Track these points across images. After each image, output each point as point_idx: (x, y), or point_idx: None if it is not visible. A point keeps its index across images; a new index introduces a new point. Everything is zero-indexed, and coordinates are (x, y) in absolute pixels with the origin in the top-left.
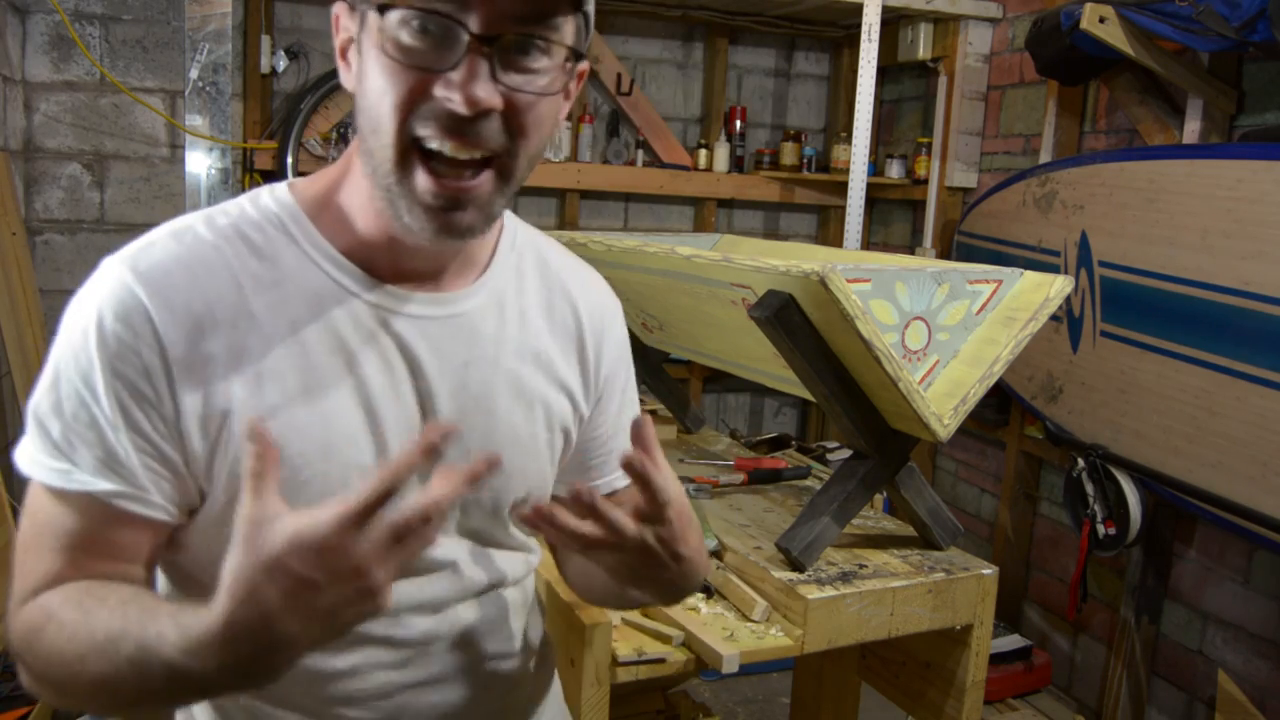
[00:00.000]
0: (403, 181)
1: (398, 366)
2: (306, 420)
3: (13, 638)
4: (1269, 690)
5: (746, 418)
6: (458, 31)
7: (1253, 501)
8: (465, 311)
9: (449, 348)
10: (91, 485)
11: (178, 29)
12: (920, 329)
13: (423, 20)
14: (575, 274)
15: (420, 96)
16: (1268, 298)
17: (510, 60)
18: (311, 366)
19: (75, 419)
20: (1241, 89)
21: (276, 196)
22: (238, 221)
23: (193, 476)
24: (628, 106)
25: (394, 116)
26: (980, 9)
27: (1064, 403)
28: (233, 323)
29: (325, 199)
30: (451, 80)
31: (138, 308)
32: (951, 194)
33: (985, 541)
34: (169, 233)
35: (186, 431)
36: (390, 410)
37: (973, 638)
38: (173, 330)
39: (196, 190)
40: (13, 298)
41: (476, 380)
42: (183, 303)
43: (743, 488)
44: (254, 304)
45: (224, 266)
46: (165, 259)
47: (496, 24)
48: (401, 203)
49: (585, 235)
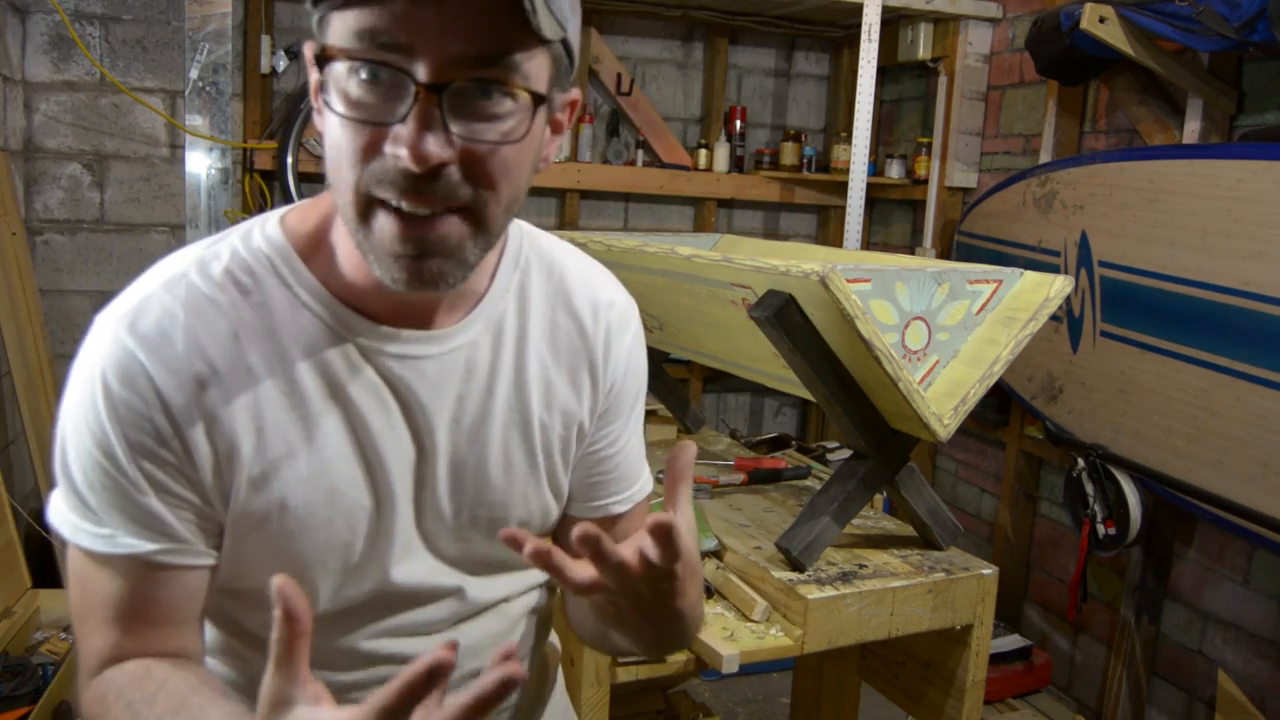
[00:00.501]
0: (368, 234)
1: (392, 407)
2: (309, 470)
3: (84, 711)
4: (1269, 690)
5: (746, 418)
6: (404, 81)
7: (1253, 501)
8: (460, 345)
9: (443, 383)
10: (136, 548)
11: (178, 29)
12: (920, 329)
13: (371, 69)
14: (585, 286)
15: (372, 153)
16: (1268, 298)
17: (464, 107)
18: (309, 415)
19: (104, 488)
20: (1241, 89)
21: (268, 235)
22: (230, 266)
23: (216, 514)
24: (628, 106)
25: (349, 174)
26: (980, 9)
27: (1064, 403)
28: (232, 377)
29: (318, 238)
30: (400, 135)
31: (140, 372)
32: (951, 194)
33: (985, 541)
34: (162, 284)
35: (204, 478)
36: (388, 450)
37: (973, 638)
38: (175, 392)
39: (196, 190)
40: (13, 298)
41: (471, 413)
42: (183, 363)
43: (743, 488)
44: (250, 356)
45: (220, 318)
46: (162, 317)
47: (446, 70)
48: (370, 255)
49: (585, 235)
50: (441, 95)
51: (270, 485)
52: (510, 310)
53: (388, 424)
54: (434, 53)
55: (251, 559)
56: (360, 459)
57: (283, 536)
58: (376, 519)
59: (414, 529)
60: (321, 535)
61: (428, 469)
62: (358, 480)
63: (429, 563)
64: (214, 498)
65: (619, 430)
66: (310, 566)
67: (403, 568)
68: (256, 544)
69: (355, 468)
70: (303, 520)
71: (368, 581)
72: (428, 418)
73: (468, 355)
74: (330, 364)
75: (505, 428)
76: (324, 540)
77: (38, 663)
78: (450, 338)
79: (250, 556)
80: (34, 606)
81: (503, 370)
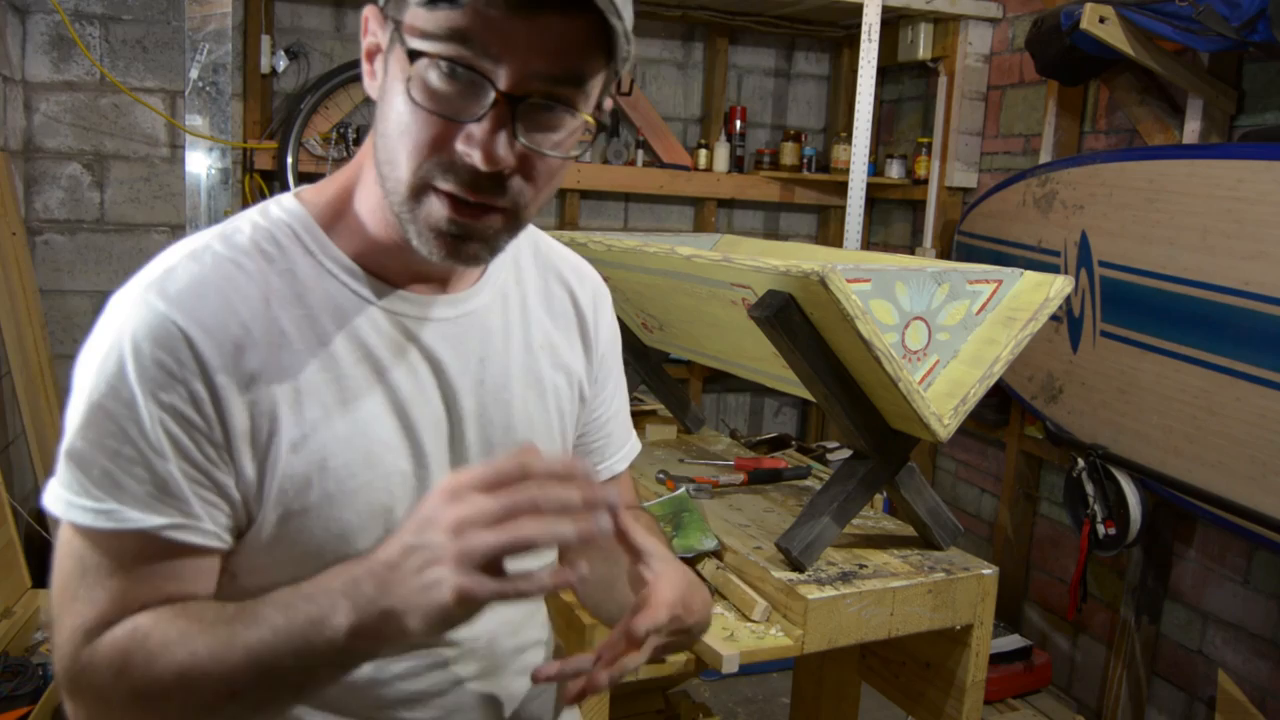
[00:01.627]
0: (415, 210)
1: (422, 370)
2: (347, 432)
3: (85, 676)
4: (1269, 690)
5: (746, 418)
6: (485, 86)
7: (1253, 501)
8: (475, 309)
9: (465, 346)
10: (141, 522)
11: (178, 29)
12: (920, 329)
13: (452, 65)
14: (566, 260)
15: (441, 145)
16: (1268, 298)
17: (533, 120)
18: (343, 378)
19: (119, 455)
20: (1241, 89)
21: (285, 207)
22: (253, 236)
23: (244, 499)
24: (628, 106)
25: (411, 159)
26: (980, 9)
27: (1064, 403)
28: (267, 340)
29: (339, 206)
30: (473, 135)
31: (175, 334)
32: (951, 194)
33: (985, 541)
34: (187, 254)
35: (237, 454)
36: (421, 414)
37: (973, 638)
38: (214, 354)
39: (196, 190)
40: (13, 298)
41: (492, 374)
42: (219, 324)
43: (743, 488)
44: (283, 320)
45: (250, 283)
46: (193, 281)
47: (525, 83)
48: (412, 227)
49: (585, 235)
50: (517, 106)
51: (309, 447)
52: (510, 280)
53: (417, 387)
54: (517, 65)
55: (296, 535)
56: (396, 422)
57: (324, 502)
58: (415, 483)
59: None
60: (362, 499)
61: (458, 431)
62: (395, 444)
63: None
64: (249, 466)
65: (609, 396)
66: (354, 534)
67: None
68: (301, 512)
69: (391, 431)
70: (343, 483)
71: None
72: (453, 380)
73: (483, 320)
74: (360, 330)
75: (524, 388)
76: (365, 504)
77: (38, 663)
78: (465, 301)
79: (295, 530)
80: (34, 606)
81: (514, 333)
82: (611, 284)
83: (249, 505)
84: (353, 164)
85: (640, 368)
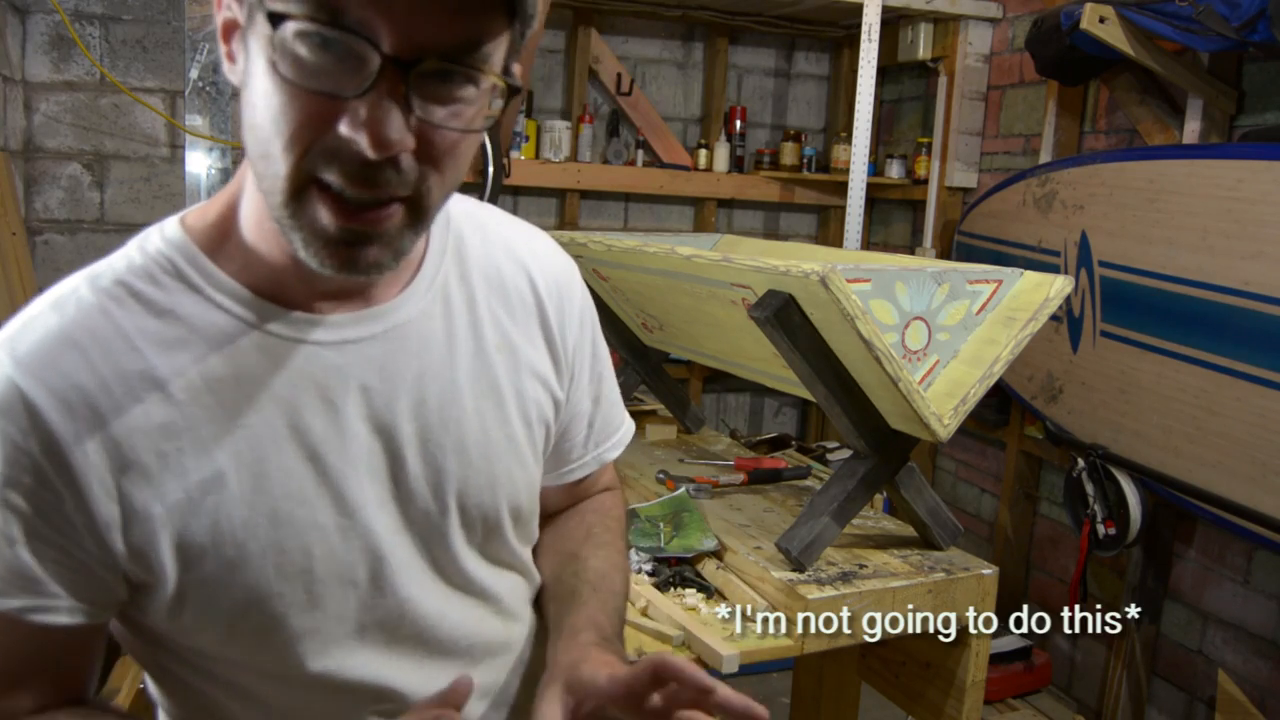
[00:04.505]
0: (297, 215)
1: (340, 401)
2: (244, 490)
3: None
4: (1269, 690)
5: (746, 418)
6: (368, 51)
7: (1253, 501)
8: (407, 319)
9: (397, 364)
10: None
11: (178, 29)
12: (920, 329)
13: (324, 29)
14: (520, 240)
15: (320, 128)
16: (1268, 298)
17: (429, 89)
18: (239, 427)
19: None
20: (1241, 89)
21: (166, 235)
22: (124, 276)
23: (114, 571)
24: (628, 106)
25: (288, 151)
26: (980, 9)
27: (1064, 403)
28: (136, 398)
29: (222, 228)
30: (358, 114)
31: (18, 400)
32: (951, 194)
33: (985, 541)
34: (50, 304)
35: (102, 529)
36: (340, 457)
37: (972, 638)
38: (64, 423)
39: (196, 190)
40: (13, 298)
41: (435, 391)
42: (72, 386)
43: (743, 488)
44: (159, 369)
45: (115, 333)
46: (45, 338)
47: (416, 46)
48: (297, 235)
49: (585, 235)
50: (409, 73)
51: (198, 513)
52: (452, 275)
53: (335, 424)
54: (404, 23)
55: (208, 601)
56: (309, 470)
57: (224, 570)
58: (339, 538)
59: (404, 533)
60: (271, 561)
61: (397, 464)
62: (308, 496)
63: (430, 575)
64: (117, 541)
65: (587, 384)
66: (268, 599)
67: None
68: (200, 583)
69: (302, 480)
70: (243, 546)
71: (380, 609)
72: (384, 406)
73: (419, 329)
74: (256, 368)
75: (477, 400)
76: (274, 568)
77: None
78: (391, 313)
79: (205, 596)
80: None
81: (460, 338)
82: (611, 284)
83: (131, 575)
84: (235, 179)
85: (640, 368)
